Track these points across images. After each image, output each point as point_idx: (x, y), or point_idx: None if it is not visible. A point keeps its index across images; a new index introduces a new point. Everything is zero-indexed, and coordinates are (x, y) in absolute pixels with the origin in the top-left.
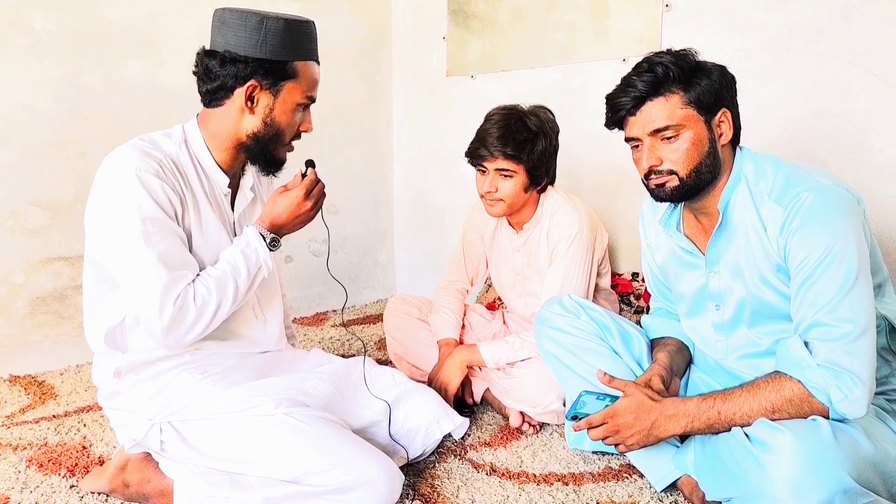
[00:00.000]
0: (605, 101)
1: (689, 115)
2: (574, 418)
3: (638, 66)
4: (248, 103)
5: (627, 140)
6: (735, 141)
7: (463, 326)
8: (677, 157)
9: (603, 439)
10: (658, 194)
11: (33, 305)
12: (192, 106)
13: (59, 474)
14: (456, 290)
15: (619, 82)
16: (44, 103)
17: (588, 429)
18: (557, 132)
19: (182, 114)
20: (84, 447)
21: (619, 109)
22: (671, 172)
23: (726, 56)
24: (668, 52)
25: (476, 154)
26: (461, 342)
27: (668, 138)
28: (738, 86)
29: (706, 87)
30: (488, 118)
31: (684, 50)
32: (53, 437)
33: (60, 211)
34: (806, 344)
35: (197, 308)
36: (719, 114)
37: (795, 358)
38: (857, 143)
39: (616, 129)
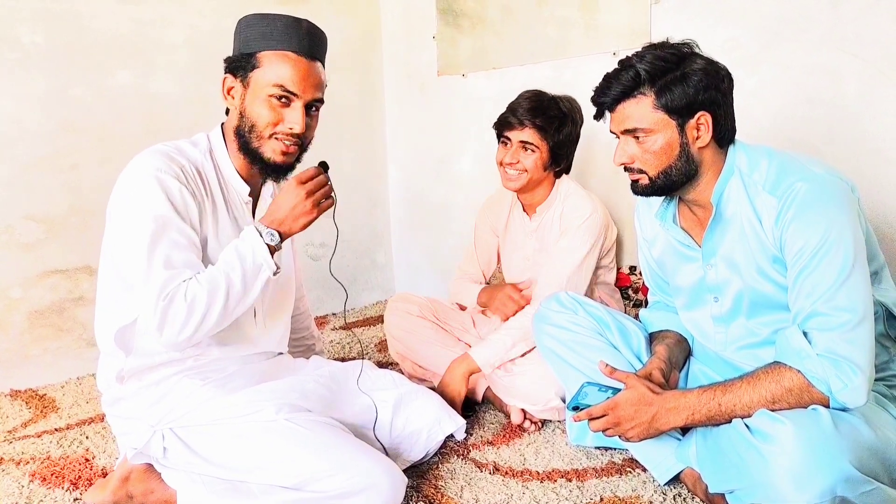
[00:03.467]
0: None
1: (659, 120)
2: (575, 409)
3: (620, 62)
4: (230, 97)
5: (611, 132)
6: (725, 138)
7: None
8: (646, 158)
9: (603, 431)
10: (634, 189)
11: (32, 319)
12: (182, 114)
13: (63, 488)
14: (469, 280)
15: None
16: (33, 117)
17: (588, 420)
18: (582, 122)
19: (172, 122)
20: (87, 459)
21: (600, 105)
22: (641, 171)
23: (716, 46)
24: (656, 47)
25: (505, 122)
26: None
27: (638, 139)
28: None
29: (679, 93)
30: (521, 95)
31: (677, 45)
32: (56, 451)
33: (55, 224)
34: (805, 334)
35: (187, 304)
36: (696, 118)
37: (795, 348)
38: (850, 129)
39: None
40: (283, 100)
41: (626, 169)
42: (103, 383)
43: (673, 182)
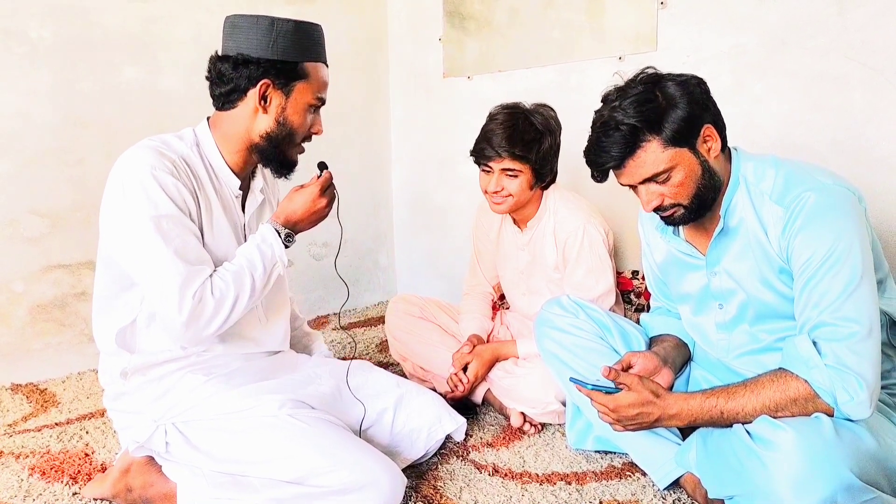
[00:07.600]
0: (584, 158)
1: (674, 155)
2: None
3: (604, 124)
4: (262, 102)
5: (623, 185)
6: (725, 140)
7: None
8: (676, 191)
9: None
10: (670, 223)
11: (34, 313)
12: (189, 110)
13: (62, 482)
14: (478, 294)
15: (589, 141)
16: (40, 111)
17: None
18: (560, 130)
19: (178, 119)
20: (86, 454)
21: (603, 168)
22: (674, 205)
23: (722, 52)
24: (624, 90)
25: (482, 154)
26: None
27: (661, 182)
28: (734, 81)
29: (677, 121)
30: (492, 118)
31: (640, 78)
32: (56, 445)
33: (60, 219)
34: (814, 343)
35: (215, 301)
36: (701, 133)
37: (803, 357)
38: (856, 137)
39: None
40: (315, 108)
41: (657, 209)
42: (106, 378)
43: (708, 199)
